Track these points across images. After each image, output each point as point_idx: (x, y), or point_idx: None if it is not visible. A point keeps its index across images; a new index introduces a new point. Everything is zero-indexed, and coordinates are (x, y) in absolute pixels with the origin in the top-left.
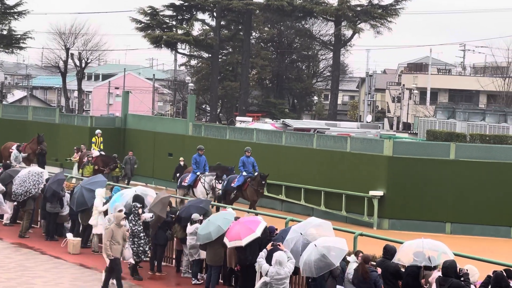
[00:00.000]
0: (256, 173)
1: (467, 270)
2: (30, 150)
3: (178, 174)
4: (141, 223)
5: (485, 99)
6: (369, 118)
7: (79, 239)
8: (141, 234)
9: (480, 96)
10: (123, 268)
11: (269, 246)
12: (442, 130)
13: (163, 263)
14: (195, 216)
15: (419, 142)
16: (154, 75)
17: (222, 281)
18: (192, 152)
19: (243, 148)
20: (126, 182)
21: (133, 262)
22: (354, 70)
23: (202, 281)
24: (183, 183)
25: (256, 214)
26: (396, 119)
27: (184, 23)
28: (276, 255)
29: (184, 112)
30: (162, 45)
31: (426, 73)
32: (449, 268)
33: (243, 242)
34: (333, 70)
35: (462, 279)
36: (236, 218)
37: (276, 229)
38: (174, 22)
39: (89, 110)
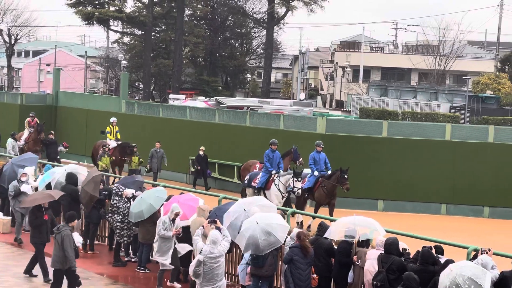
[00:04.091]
0: (329, 171)
1: (407, 249)
2: (31, 139)
3: (199, 168)
4: (126, 200)
5: (417, 77)
6: (302, 95)
7: (9, 218)
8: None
9: (412, 74)
10: None
11: (205, 224)
12: (374, 108)
13: (95, 242)
14: (128, 191)
15: (352, 120)
16: (86, 52)
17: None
18: (126, 130)
19: (176, 126)
20: (153, 178)
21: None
22: (287, 47)
23: (135, 259)
24: (252, 183)
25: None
26: (329, 97)
27: None
28: (211, 234)
29: (117, 90)
30: (94, 22)
31: (359, 51)
32: (392, 245)
33: (190, 222)
34: (266, 48)
35: (403, 258)
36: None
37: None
38: None
39: (19, 87)
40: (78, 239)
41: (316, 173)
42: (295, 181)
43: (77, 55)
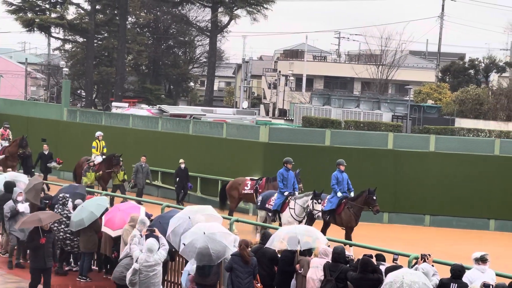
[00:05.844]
0: (351, 193)
1: (352, 256)
2: (8, 153)
3: (178, 179)
4: (69, 210)
5: (360, 86)
6: (245, 104)
7: None
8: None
9: (354, 83)
10: None
11: (144, 232)
12: (317, 117)
13: None
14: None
15: (295, 129)
16: (26, 59)
17: (97, 267)
18: (67, 138)
19: (118, 133)
20: (136, 194)
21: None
22: (231, 56)
23: (76, 268)
24: (267, 205)
25: (134, 200)
26: (272, 106)
27: (58, 6)
28: (147, 242)
29: (59, 97)
30: (35, 29)
31: (302, 59)
32: (340, 254)
33: (122, 230)
34: (209, 56)
35: (349, 265)
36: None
37: (151, 215)
38: (47, 5)
39: None
40: None
41: (339, 194)
42: (315, 203)
43: (18, 62)
